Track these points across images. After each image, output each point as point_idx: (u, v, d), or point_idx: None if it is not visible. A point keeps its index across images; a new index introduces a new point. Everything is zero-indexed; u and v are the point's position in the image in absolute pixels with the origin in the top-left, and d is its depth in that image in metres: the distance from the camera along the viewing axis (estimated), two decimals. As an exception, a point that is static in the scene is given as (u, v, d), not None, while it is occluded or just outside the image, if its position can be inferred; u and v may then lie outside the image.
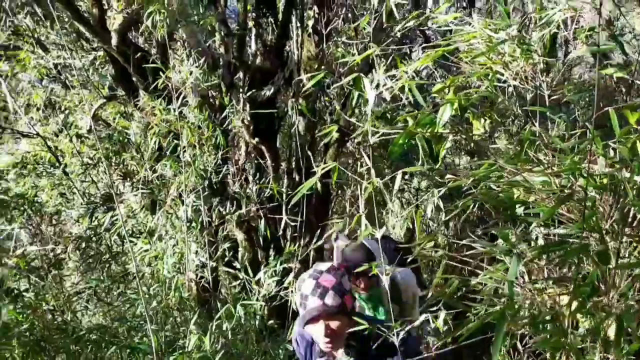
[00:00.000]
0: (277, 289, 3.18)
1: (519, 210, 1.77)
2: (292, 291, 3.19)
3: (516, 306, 1.48)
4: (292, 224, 3.27)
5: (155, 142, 3.15)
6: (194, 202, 3.17)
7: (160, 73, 3.26)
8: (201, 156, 3.21)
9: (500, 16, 2.19)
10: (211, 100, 3.43)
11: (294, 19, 4.45)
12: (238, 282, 3.44)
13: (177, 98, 3.25)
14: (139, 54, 3.80)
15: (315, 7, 4.87)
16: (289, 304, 3.25)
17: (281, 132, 4.64)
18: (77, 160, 4.84)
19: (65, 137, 5.02)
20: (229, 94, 3.58)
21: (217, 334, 2.89)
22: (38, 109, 5.36)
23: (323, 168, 2.16)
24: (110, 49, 3.88)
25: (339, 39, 4.82)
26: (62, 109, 5.42)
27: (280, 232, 3.37)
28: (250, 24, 4.47)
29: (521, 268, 1.76)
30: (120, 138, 4.90)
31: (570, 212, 1.72)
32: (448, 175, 2.23)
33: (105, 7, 4.21)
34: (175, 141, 3.22)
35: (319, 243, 3.43)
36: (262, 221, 3.24)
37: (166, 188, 3.32)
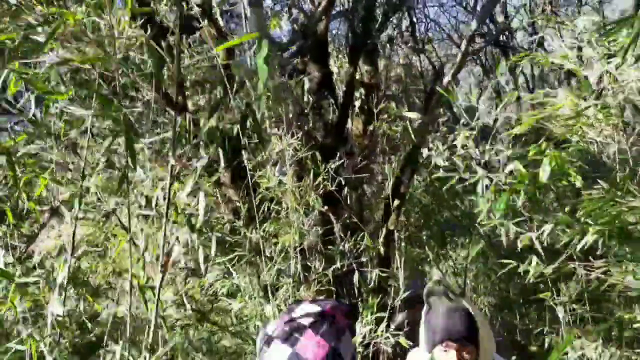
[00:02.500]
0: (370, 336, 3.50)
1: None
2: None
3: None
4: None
5: (264, 207, 3.54)
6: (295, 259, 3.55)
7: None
8: (298, 218, 3.62)
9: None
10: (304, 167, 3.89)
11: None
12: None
13: (274, 166, 3.72)
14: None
15: (362, 89, 5.51)
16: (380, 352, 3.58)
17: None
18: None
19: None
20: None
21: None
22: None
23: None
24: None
25: (385, 118, 5.40)
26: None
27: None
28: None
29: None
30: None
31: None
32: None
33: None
34: (276, 206, 3.63)
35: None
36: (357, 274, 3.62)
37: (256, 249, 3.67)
